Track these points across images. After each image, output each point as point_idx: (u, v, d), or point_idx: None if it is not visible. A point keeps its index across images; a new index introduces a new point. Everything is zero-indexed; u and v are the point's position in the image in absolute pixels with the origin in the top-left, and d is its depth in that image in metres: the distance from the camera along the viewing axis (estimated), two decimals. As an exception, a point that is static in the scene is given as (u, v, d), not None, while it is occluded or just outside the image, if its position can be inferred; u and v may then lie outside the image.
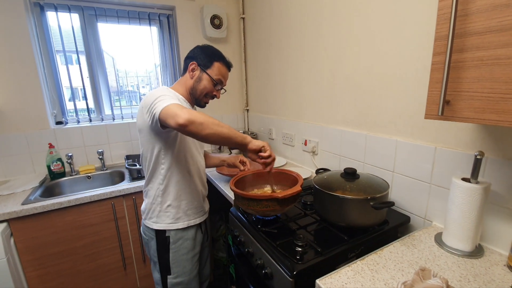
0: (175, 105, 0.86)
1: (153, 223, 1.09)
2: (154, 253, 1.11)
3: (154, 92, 0.97)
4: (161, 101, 0.89)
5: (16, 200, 1.36)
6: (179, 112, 0.82)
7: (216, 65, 1.11)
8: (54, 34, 1.76)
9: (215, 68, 1.11)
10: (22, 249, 1.31)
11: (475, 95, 0.58)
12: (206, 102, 1.16)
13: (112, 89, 2.02)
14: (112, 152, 1.93)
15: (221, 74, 1.12)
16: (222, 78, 1.13)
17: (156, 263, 1.12)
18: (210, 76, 1.10)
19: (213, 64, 1.10)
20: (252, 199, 0.92)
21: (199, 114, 0.84)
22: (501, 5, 0.52)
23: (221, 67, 1.12)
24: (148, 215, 1.11)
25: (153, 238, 1.10)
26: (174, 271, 1.11)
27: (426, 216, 0.99)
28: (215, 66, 1.10)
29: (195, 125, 0.82)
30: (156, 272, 1.13)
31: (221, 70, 1.12)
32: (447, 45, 0.58)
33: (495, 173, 0.79)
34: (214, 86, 1.12)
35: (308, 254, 0.81)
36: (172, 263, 1.10)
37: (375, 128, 1.16)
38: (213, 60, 1.10)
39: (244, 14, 2.16)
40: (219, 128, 0.85)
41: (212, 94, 1.14)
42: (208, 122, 0.84)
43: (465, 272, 0.71)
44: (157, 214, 1.09)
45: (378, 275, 0.71)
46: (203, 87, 1.10)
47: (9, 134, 1.63)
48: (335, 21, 1.28)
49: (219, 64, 1.11)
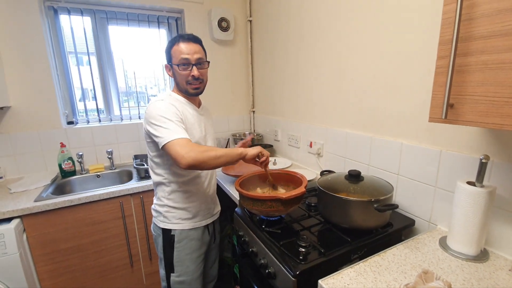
0: (176, 143, 0.92)
1: (160, 222, 1.13)
2: (161, 249, 1.14)
3: (154, 108, 1.00)
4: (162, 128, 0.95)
5: (29, 197, 1.40)
6: (180, 156, 0.89)
7: (173, 50, 1.06)
8: (66, 36, 1.82)
9: (173, 53, 1.06)
10: (33, 244, 1.36)
11: (479, 99, 0.58)
12: (194, 88, 1.09)
13: (121, 90, 2.07)
14: (121, 151, 1.98)
15: (181, 53, 1.04)
16: (185, 55, 1.04)
17: (162, 259, 1.15)
18: (174, 64, 1.06)
19: (171, 52, 1.07)
20: (257, 199, 0.94)
21: (196, 153, 0.90)
22: (505, 9, 0.53)
23: (177, 48, 1.05)
24: (156, 214, 1.15)
25: (160, 235, 1.13)
26: (177, 270, 1.13)
27: (431, 219, 0.98)
28: (172, 52, 1.06)
29: (196, 167, 0.91)
30: (162, 268, 1.16)
31: (179, 50, 1.05)
32: (451, 49, 0.59)
33: (501, 177, 0.78)
34: (184, 70, 1.05)
35: (311, 254, 0.81)
36: (175, 261, 1.12)
37: (380, 130, 1.16)
38: (170, 49, 1.07)
39: (252, 17, 2.18)
40: (217, 161, 0.94)
41: (190, 77, 1.06)
42: (205, 159, 0.91)
43: (469, 276, 0.71)
44: (164, 214, 1.12)
45: (381, 277, 0.71)
46: (179, 77, 1.07)
47: (23, 132, 1.69)
48: (342, 24, 1.29)
49: (175, 47, 1.06)
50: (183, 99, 1.12)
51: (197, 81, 1.08)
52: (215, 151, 0.94)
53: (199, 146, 0.95)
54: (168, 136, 0.93)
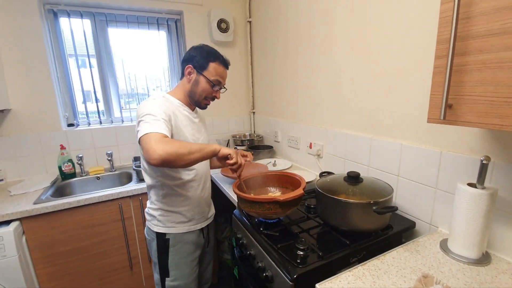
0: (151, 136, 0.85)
1: (154, 225, 1.11)
2: (155, 254, 1.12)
3: (143, 106, 0.97)
4: (143, 123, 0.90)
5: (28, 200, 1.40)
6: (152, 149, 0.82)
7: (212, 65, 1.07)
8: (66, 38, 1.83)
9: (211, 69, 1.07)
10: (33, 246, 1.36)
11: (478, 99, 0.57)
12: (206, 104, 1.13)
13: (122, 92, 2.08)
14: (121, 153, 1.98)
15: (218, 74, 1.08)
16: (220, 78, 1.09)
17: (156, 264, 1.13)
18: (206, 78, 1.07)
19: (209, 65, 1.06)
20: (254, 202, 0.93)
21: (170, 146, 0.83)
22: (504, 7, 0.51)
23: (218, 67, 1.08)
24: (150, 217, 1.13)
25: (154, 239, 1.11)
26: (172, 274, 1.11)
27: (432, 221, 0.97)
28: (211, 67, 1.07)
29: (167, 161, 0.82)
30: (156, 273, 1.14)
31: (218, 70, 1.08)
32: (449, 48, 0.58)
33: (503, 179, 0.77)
34: (212, 87, 1.08)
35: (309, 258, 0.80)
36: (170, 265, 1.11)
37: (380, 131, 1.14)
38: (209, 61, 1.07)
39: (251, 18, 2.18)
40: (191, 156, 0.86)
41: (212, 96, 1.11)
42: (179, 153, 0.83)
43: (470, 280, 0.70)
44: (158, 218, 1.10)
45: (379, 281, 0.70)
46: (201, 89, 1.08)
47: (23, 135, 1.70)
48: (341, 25, 1.28)
49: (215, 64, 1.07)
50: (177, 101, 1.09)
51: (212, 101, 1.14)
52: (189, 147, 0.87)
53: (173, 141, 0.89)
54: (145, 130, 0.88)
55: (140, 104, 1.02)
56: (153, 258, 1.15)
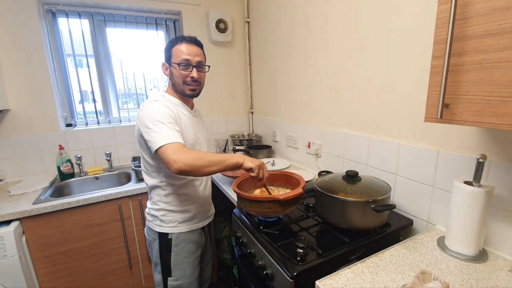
0: (169, 147, 0.90)
1: (156, 226, 1.11)
2: (157, 254, 1.12)
3: (147, 109, 0.98)
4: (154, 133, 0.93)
5: (27, 200, 1.40)
6: (172, 160, 0.87)
7: (175, 49, 1.05)
8: (65, 38, 1.82)
9: (174, 52, 1.05)
10: (33, 246, 1.36)
11: (474, 98, 0.58)
12: (190, 90, 1.08)
13: (120, 92, 2.07)
14: (120, 153, 1.98)
15: (183, 53, 1.04)
16: (186, 55, 1.04)
17: (157, 264, 1.13)
18: (174, 63, 1.05)
19: (172, 51, 1.06)
20: (254, 201, 0.93)
21: (190, 158, 0.88)
22: (500, 8, 0.52)
23: (180, 47, 1.05)
24: (151, 218, 1.13)
25: (156, 239, 1.11)
26: (174, 274, 1.11)
27: (429, 219, 0.98)
28: (174, 51, 1.05)
29: (187, 172, 0.89)
30: (157, 273, 1.14)
31: (182, 50, 1.04)
32: (445, 48, 0.58)
33: (499, 177, 0.78)
34: (184, 69, 1.05)
35: (309, 255, 0.81)
36: (173, 265, 1.11)
37: (378, 131, 1.16)
38: (171, 48, 1.06)
39: (249, 18, 2.18)
40: (210, 169, 0.90)
41: (189, 78, 1.06)
42: (199, 165, 0.88)
43: (468, 276, 0.71)
44: (160, 218, 1.10)
45: (378, 277, 0.71)
46: (176, 77, 1.06)
47: (22, 135, 1.69)
48: (339, 25, 1.29)
49: (177, 46, 1.05)
50: (177, 100, 1.10)
51: (195, 83, 1.08)
52: (209, 158, 0.90)
53: (192, 152, 0.92)
54: (161, 141, 0.91)
55: (142, 107, 1.02)
56: (154, 258, 1.15)
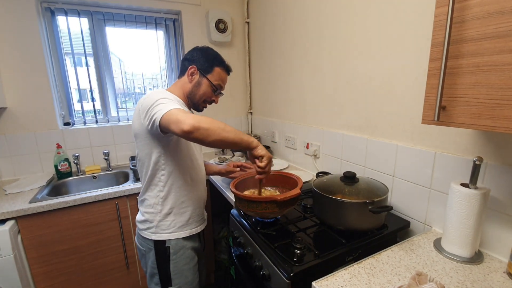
0: (177, 110, 0.83)
1: (152, 234, 1.03)
2: (153, 264, 1.05)
3: (152, 94, 0.92)
4: (161, 104, 0.86)
5: (24, 199, 1.39)
6: (183, 118, 0.79)
7: (217, 70, 1.08)
8: (63, 37, 1.82)
9: (216, 73, 1.07)
10: (28, 246, 1.35)
11: (471, 101, 0.58)
12: (204, 107, 1.13)
13: (119, 91, 2.07)
14: (118, 153, 1.97)
15: (221, 79, 1.10)
16: (222, 83, 1.11)
17: (154, 275, 1.06)
18: (210, 81, 1.06)
19: (214, 69, 1.07)
20: (252, 201, 0.93)
21: (204, 119, 0.81)
22: (496, 12, 0.53)
23: (221, 72, 1.09)
24: (145, 225, 1.05)
25: (152, 249, 1.04)
26: (175, 283, 1.05)
27: (426, 221, 0.98)
28: (215, 71, 1.07)
29: (201, 131, 0.79)
30: (154, 285, 1.08)
31: (221, 75, 1.09)
32: (443, 51, 0.59)
33: (495, 179, 0.78)
34: (214, 91, 1.09)
35: (306, 256, 0.81)
36: (173, 274, 1.05)
37: (376, 132, 1.16)
38: (214, 65, 1.07)
39: (249, 19, 2.19)
40: (225, 134, 0.82)
41: (211, 100, 1.11)
42: (213, 127, 0.81)
43: (463, 278, 0.71)
44: (156, 224, 1.03)
45: (375, 278, 0.71)
46: (203, 92, 1.07)
47: (19, 134, 1.68)
48: (338, 27, 1.29)
49: (220, 69, 1.09)
50: (181, 100, 1.07)
51: (210, 105, 1.14)
52: (223, 125, 0.84)
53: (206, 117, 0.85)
54: (167, 107, 0.83)
55: (145, 96, 0.96)
56: (149, 269, 1.07)
